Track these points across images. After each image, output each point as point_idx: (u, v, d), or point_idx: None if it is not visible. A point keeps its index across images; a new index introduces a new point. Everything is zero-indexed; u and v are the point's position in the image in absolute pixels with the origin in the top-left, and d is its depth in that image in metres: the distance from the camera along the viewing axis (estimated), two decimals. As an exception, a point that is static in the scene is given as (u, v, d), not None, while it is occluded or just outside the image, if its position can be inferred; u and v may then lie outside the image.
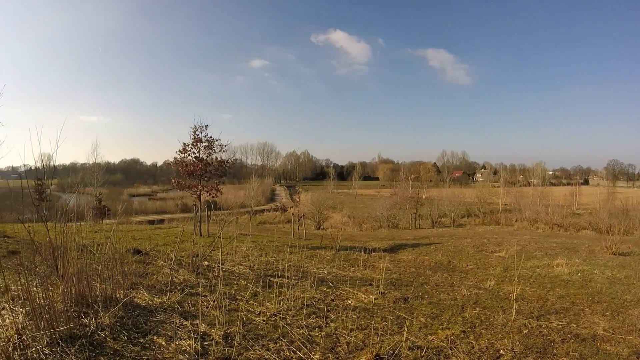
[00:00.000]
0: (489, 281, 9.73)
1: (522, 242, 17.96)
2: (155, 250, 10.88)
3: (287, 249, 11.66)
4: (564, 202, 67.25)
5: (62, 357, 4.22)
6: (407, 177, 71.39)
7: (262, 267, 9.46)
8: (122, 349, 4.56)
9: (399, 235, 26.98)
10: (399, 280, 9.71)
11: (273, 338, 5.31)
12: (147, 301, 6.18)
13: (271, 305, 6.54)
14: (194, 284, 7.46)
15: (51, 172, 8.00)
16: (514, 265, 11.24)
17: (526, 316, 7.06)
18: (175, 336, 4.98)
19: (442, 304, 7.67)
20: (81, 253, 5.98)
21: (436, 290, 8.86)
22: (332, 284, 8.51)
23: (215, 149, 18.59)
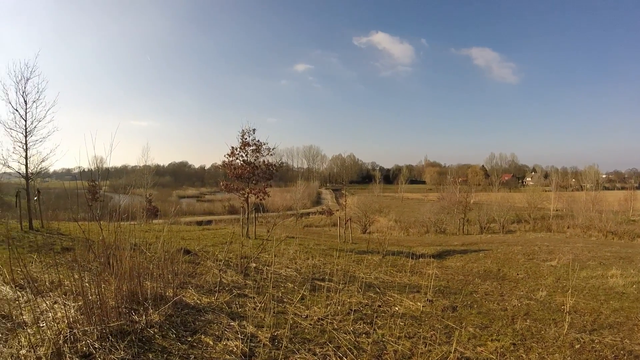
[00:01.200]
0: (540, 291, 9.43)
1: (575, 250, 17.35)
2: (203, 250, 11.00)
3: (337, 253, 11.62)
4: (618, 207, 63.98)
5: (111, 351, 4.29)
6: (454, 181, 70.06)
7: (308, 271, 9.42)
8: (170, 346, 4.60)
9: (447, 240, 26.58)
10: (447, 288, 9.53)
11: (320, 343, 5.25)
12: (196, 300, 6.23)
13: (318, 309, 6.49)
14: (241, 285, 7.50)
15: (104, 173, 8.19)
16: (566, 275, 10.89)
17: (578, 330, 6.76)
18: (222, 336, 4.99)
19: (491, 314, 7.45)
20: (133, 252, 6.10)
21: (485, 299, 8.64)
22: (379, 289, 8.40)
23: (262, 152, 18.85)
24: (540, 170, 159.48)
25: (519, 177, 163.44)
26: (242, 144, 18.65)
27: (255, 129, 18.83)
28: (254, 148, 18.69)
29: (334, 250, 13.80)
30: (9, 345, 4.49)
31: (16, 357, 4.25)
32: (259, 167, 18.67)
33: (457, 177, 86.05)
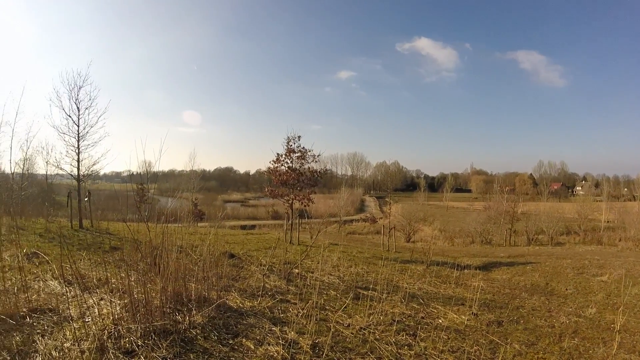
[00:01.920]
0: (589, 308, 9.07)
1: (627, 265, 16.55)
2: (247, 255, 11.06)
3: (381, 262, 11.51)
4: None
5: (153, 350, 4.34)
6: (501, 190, 68.48)
7: (351, 279, 9.34)
8: (211, 348, 4.62)
9: (493, 252, 25.97)
10: (493, 301, 9.28)
11: (361, 352, 5.16)
12: (239, 304, 6.25)
13: (360, 319, 6.40)
14: (284, 290, 7.49)
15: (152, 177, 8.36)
16: (617, 292, 10.44)
17: (628, 350, 6.43)
18: (263, 341, 4.98)
19: (538, 331, 7.20)
20: (179, 253, 6.17)
21: (532, 315, 8.37)
22: (423, 300, 8.26)
23: (307, 159, 18.96)
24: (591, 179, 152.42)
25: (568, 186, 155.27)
26: (287, 150, 18.87)
27: (300, 135, 19.03)
28: (299, 155, 18.85)
29: (377, 259, 13.66)
30: (53, 337, 4.61)
31: (60, 349, 4.35)
32: (304, 174, 18.77)
33: (504, 185, 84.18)
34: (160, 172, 12.85)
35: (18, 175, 24.04)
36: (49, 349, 4.35)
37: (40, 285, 6.78)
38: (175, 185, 50.60)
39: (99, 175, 21.46)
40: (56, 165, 19.61)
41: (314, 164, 19.34)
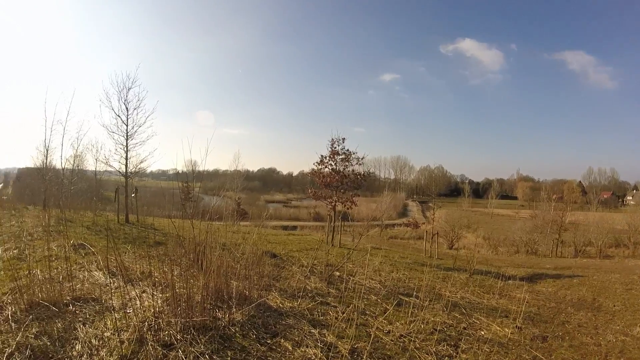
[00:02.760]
0: (638, 327, 8.69)
1: (679, 281, 15.95)
2: (288, 255, 11.07)
3: (423, 269, 11.33)
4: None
5: (192, 344, 4.36)
6: (548, 198, 66.58)
7: (393, 284, 9.21)
8: (249, 346, 4.60)
9: (538, 263, 25.22)
10: (538, 315, 8.98)
11: (400, 361, 5.08)
12: (279, 304, 6.22)
13: (401, 326, 6.27)
14: (324, 293, 7.42)
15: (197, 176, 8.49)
16: (667, 310, 10.01)
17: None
18: (302, 343, 4.92)
19: (583, 349, 6.88)
20: (221, 251, 6.20)
21: (578, 331, 8.04)
22: (465, 310, 8.04)
23: (351, 161, 18.83)
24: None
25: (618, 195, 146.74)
26: (331, 152, 18.82)
27: (344, 138, 18.92)
28: (343, 157, 18.75)
29: (419, 265, 13.48)
30: (94, 326, 4.72)
31: (100, 338, 4.44)
32: (348, 176, 18.66)
33: (552, 193, 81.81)
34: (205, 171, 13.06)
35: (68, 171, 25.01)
36: (89, 337, 4.44)
37: (85, 275, 6.95)
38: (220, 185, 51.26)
39: (145, 172, 22.06)
40: (105, 162, 20.37)
41: (357, 167, 19.25)
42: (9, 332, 4.56)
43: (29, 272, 6.10)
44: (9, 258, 8.14)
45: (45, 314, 5.00)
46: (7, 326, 4.71)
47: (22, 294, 5.31)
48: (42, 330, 4.56)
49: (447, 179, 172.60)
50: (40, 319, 4.86)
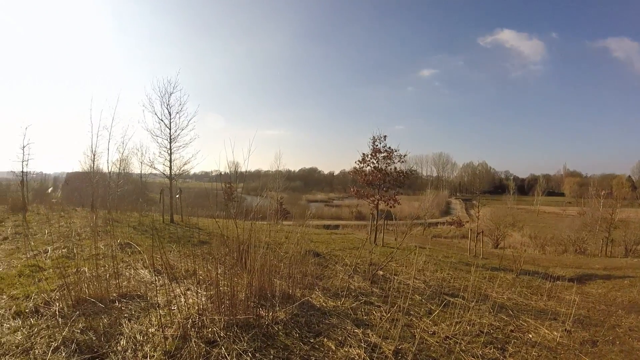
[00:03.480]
0: (693, 332, 8.31)
1: None
2: (331, 254, 11.03)
3: (469, 268, 11.12)
4: None
5: (235, 342, 4.36)
6: (597, 194, 64.46)
7: (437, 284, 9.04)
8: (292, 345, 4.57)
9: (587, 263, 24.36)
10: (587, 318, 8.66)
11: (446, 363, 4.96)
12: (322, 303, 6.18)
13: (446, 327, 6.13)
14: (368, 292, 7.33)
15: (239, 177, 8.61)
16: None
17: None
18: (345, 342, 4.85)
19: (635, 354, 6.54)
20: (265, 249, 6.20)
21: (629, 336, 7.67)
22: (512, 312, 7.82)
23: (393, 159, 18.69)
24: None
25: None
26: (373, 150, 18.73)
27: (386, 135, 18.80)
28: (384, 155, 18.63)
29: (463, 264, 13.22)
30: (139, 322, 4.81)
31: (144, 334, 4.52)
32: (390, 174, 18.52)
33: (600, 189, 79.01)
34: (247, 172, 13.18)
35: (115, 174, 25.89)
36: (134, 333, 4.51)
37: (131, 273, 7.08)
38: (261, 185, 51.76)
39: (189, 174, 22.60)
40: (150, 164, 21.04)
41: (399, 164, 19.12)
42: (56, 326, 4.69)
43: (77, 269, 6.26)
44: (58, 257, 8.37)
45: (91, 310, 5.12)
46: (54, 321, 4.85)
47: (70, 290, 5.46)
48: (88, 326, 4.67)
49: (490, 176, 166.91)
50: (87, 315, 4.97)
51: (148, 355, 4.12)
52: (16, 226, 13.48)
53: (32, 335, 4.56)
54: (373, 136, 18.83)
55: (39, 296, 5.76)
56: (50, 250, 9.12)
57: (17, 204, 19.47)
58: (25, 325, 4.84)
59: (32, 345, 4.34)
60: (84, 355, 4.12)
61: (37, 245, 10.02)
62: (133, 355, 4.14)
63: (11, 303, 5.67)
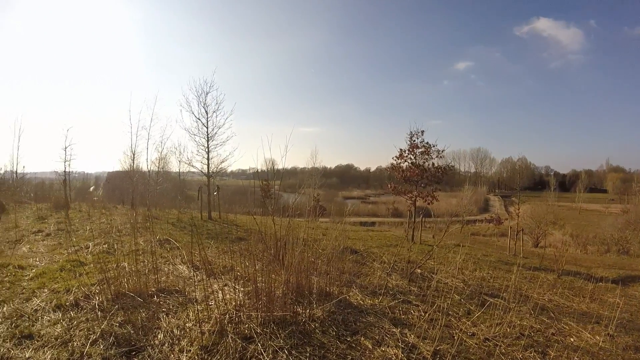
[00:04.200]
0: None
1: None
2: (368, 251, 10.95)
3: (508, 267, 10.88)
4: None
5: (271, 338, 4.36)
6: (641, 190, 62.11)
7: (476, 283, 8.86)
8: (328, 343, 4.51)
9: (631, 263, 23.46)
10: (631, 322, 8.29)
11: (486, 366, 4.84)
12: (359, 301, 6.10)
13: (485, 328, 5.99)
14: (405, 290, 7.22)
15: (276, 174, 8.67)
16: None
17: None
18: (382, 342, 4.77)
19: (680, 362, 6.37)
20: (303, 246, 6.18)
21: (675, 342, 7.44)
22: (554, 314, 7.60)
23: (431, 154, 18.33)
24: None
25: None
26: (410, 146, 18.41)
27: (423, 130, 18.44)
28: (422, 150, 18.28)
29: (503, 263, 12.95)
30: (177, 317, 4.88)
31: (182, 328, 4.57)
32: (428, 170, 18.16)
33: (645, 184, 76.27)
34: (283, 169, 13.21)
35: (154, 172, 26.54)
36: (172, 327, 4.57)
37: (170, 268, 7.19)
38: (298, 182, 51.96)
39: (226, 172, 22.91)
40: (188, 163, 21.56)
41: (437, 160, 18.71)
42: (95, 320, 4.79)
43: (117, 264, 6.37)
44: (99, 252, 8.55)
45: (130, 304, 5.21)
46: (93, 314, 4.97)
47: (110, 284, 5.57)
48: (127, 319, 4.74)
49: (530, 171, 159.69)
50: (126, 309, 5.06)
51: (185, 350, 4.15)
52: (58, 223, 13.86)
53: (71, 327, 4.68)
54: (410, 131, 18.53)
55: (79, 290, 5.89)
56: (91, 246, 9.34)
57: (60, 202, 20.09)
58: (65, 318, 4.96)
59: (71, 337, 4.44)
60: (122, 348, 4.18)
61: (78, 241, 10.27)
62: (170, 350, 4.18)
63: (52, 296, 5.82)
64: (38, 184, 32.03)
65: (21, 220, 14.89)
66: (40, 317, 5.10)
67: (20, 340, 4.46)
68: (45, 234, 11.99)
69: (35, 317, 5.13)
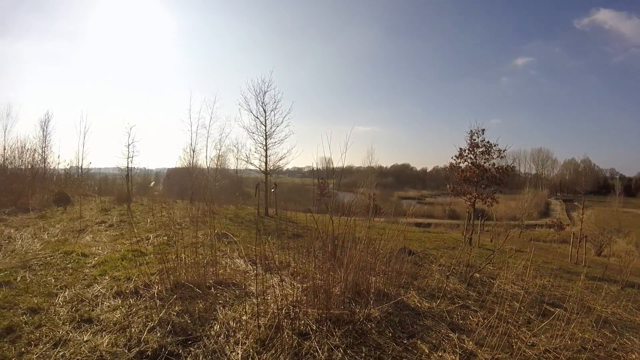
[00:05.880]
0: None
1: None
2: (425, 253, 10.80)
3: (570, 276, 10.49)
4: None
5: (327, 336, 4.34)
6: None
7: (537, 291, 8.56)
8: (384, 344, 4.44)
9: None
10: (697, 341, 7.91)
11: (545, 380, 4.65)
12: (416, 303, 5.99)
13: (545, 339, 5.79)
14: (463, 295, 7.04)
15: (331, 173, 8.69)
16: None
17: None
18: (439, 346, 4.64)
19: None
20: (361, 246, 6.14)
21: None
22: (616, 328, 7.27)
23: (492, 154, 17.74)
24: None
25: None
26: (470, 145, 17.95)
27: (484, 129, 17.88)
28: (482, 150, 17.73)
29: (564, 272, 12.48)
30: (233, 309, 4.97)
31: (238, 321, 4.65)
32: (488, 171, 17.60)
33: None
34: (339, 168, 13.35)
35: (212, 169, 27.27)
36: (228, 319, 4.64)
37: (227, 261, 7.32)
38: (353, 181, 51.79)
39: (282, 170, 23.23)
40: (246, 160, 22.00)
41: (498, 160, 18.07)
42: (154, 308, 4.94)
43: (176, 256, 6.49)
44: (159, 243, 8.74)
45: (188, 295, 5.33)
46: (152, 302, 5.12)
47: (169, 275, 5.72)
48: (184, 309, 4.85)
49: (594, 174, 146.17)
50: (184, 299, 5.19)
51: (240, 342, 4.18)
52: (121, 215, 14.40)
53: (130, 314, 4.83)
54: (470, 129, 18.02)
55: (139, 278, 6.08)
56: (151, 237, 9.62)
57: (122, 195, 20.94)
58: (125, 305, 5.15)
59: (129, 323, 4.58)
60: (178, 336, 4.27)
61: (140, 232, 10.59)
62: (225, 341, 4.23)
63: (113, 283, 6.06)
64: (102, 179, 33.44)
65: (85, 211, 15.59)
66: (100, 303, 5.31)
67: (80, 323, 4.66)
68: (108, 224, 12.45)
69: (95, 302, 5.36)
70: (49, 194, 19.68)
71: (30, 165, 26.09)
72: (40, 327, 4.58)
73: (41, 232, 11.09)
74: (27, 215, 14.08)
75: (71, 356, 3.94)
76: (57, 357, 3.93)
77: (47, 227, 11.98)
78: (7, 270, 7.00)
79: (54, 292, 5.85)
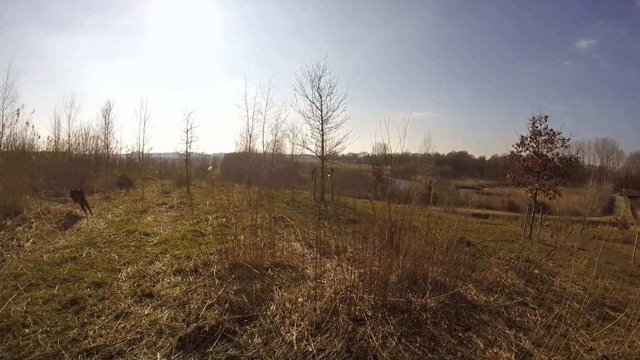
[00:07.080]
0: None
1: None
2: (483, 245, 10.59)
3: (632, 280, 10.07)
4: None
5: (382, 323, 4.32)
6: None
7: (598, 293, 8.26)
8: (439, 336, 4.38)
9: None
10: None
11: (601, 387, 4.47)
12: (473, 296, 5.87)
13: (604, 344, 5.56)
14: (522, 291, 6.83)
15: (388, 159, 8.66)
16: None
17: None
18: (494, 342, 4.53)
19: None
20: (420, 233, 6.11)
21: None
22: (677, 339, 6.94)
23: (555, 143, 16.98)
24: None
25: None
26: (532, 133, 17.30)
27: (547, 115, 17.15)
28: (545, 138, 17.01)
29: (627, 275, 11.98)
30: (289, 291, 5.05)
31: (294, 303, 4.72)
32: (551, 161, 16.86)
33: None
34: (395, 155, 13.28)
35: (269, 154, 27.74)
36: (284, 300, 4.73)
37: (284, 244, 7.42)
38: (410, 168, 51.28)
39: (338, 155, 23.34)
40: (302, 145, 22.57)
41: (562, 150, 17.23)
42: (212, 286, 5.10)
43: (234, 237, 6.66)
44: (218, 225, 8.96)
45: (246, 275, 5.43)
46: (211, 281, 5.29)
47: (227, 255, 5.89)
48: (242, 289, 4.96)
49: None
50: (241, 279, 5.29)
51: (295, 324, 4.23)
52: (181, 197, 14.87)
53: (189, 291, 5.02)
54: (532, 117, 17.34)
55: (199, 257, 6.27)
56: (210, 219, 9.86)
57: (182, 179, 21.61)
58: (184, 282, 5.34)
59: (188, 299, 4.76)
60: (235, 315, 4.37)
61: (199, 214, 10.88)
62: (281, 322, 4.29)
63: (173, 261, 6.29)
64: (162, 163, 34.54)
65: (147, 193, 16.29)
66: (161, 279, 5.52)
67: (141, 298, 4.86)
68: (169, 206, 12.87)
69: (156, 278, 5.56)
70: (112, 177, 20.67)
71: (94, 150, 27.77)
72: (104, 300, 4.79)
73: (105, 212, 11.62)
74: (92, 197, 14.74)
75: (132, 328, 4.10)
76: (118, 329, 4.09)
77: (110, 207, 12.55)
78: (73, 247, 7.39)
79: (117, 268, 6.12)
